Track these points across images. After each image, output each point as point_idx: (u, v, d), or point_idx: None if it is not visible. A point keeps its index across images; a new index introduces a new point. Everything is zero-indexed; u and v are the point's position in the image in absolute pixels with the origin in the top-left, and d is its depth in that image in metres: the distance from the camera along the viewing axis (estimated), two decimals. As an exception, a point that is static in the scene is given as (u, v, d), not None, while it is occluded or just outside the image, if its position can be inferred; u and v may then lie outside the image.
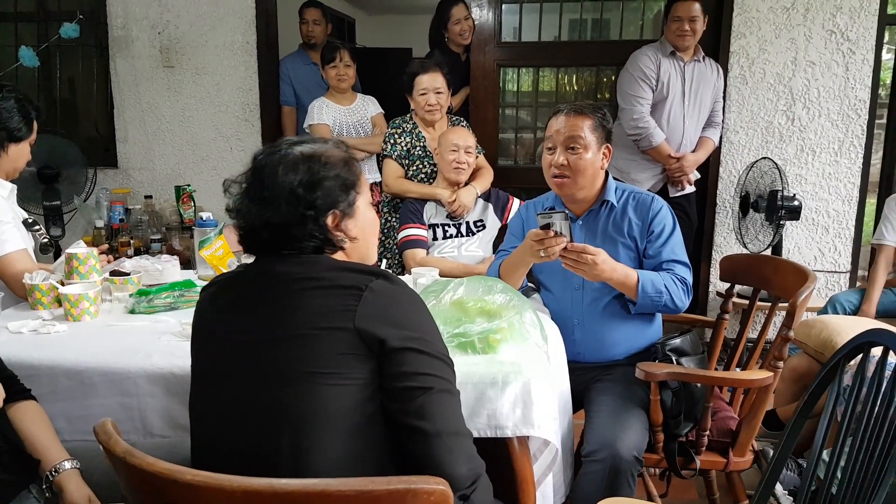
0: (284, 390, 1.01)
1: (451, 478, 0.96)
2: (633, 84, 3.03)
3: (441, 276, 1.98)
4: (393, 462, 1.06)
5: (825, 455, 1.23)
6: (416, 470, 1.01)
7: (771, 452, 2.03)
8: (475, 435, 1.23)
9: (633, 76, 3.03)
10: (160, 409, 1.42)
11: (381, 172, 2.87)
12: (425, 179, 2.71)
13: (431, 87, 2.65)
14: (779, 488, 1.89)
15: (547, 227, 1.63)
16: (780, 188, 2.92)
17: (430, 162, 2.70)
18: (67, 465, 1.27)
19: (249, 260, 1.17)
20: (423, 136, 2.74)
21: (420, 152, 2.72)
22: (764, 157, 3.09)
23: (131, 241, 3.31)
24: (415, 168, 2.72)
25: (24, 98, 1.96)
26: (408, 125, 2.76)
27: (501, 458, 1.36)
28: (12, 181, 2.00)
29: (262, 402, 1.02)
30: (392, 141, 2.74)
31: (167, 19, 3.56)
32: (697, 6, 2.97)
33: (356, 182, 1.15)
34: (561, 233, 1.62)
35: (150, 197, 3.56)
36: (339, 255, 1.14)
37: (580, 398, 1.76)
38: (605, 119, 1.83)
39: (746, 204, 3.12)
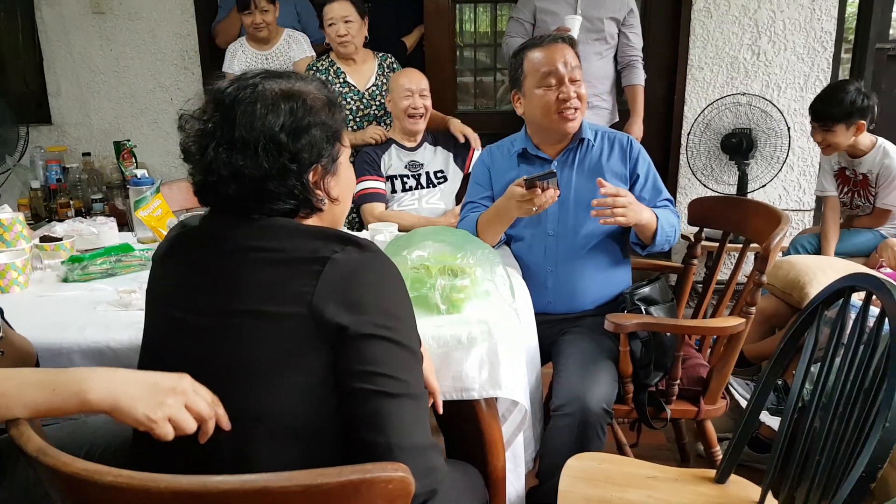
0: (224, 385, 0.86)
1: None
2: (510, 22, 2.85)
3: (401, 230, 1.87)
4: None
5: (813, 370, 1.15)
6: None
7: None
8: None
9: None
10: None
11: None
12: (351, 115, 2.55)
13: (339, 17, 2.46)
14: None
15: (533, 187, 1.54)
16: (745, 126, 2.87)
17: (355, 96, 2.54)
18: None
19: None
20: (342, 72, 2.55)
21: (342, 87, 2.54)
22: (729, 94, 3.02)
23: (71, 203, 3.12)
24: None
25: None
26: (323, 63, 2.58)
27: (469, 420, 1.30)
28: None
29: None
30: None
31: (92, -42, 3.25)
32: None
33: (340, 132, 0.98)
34: (549, 186, 1.55)
35: (89, 154, 3.33)
36: (311, 220, 0.97)
37: (548, 350, 1.71)
38: (574, 42, 1.76)
39: (711, 143, 3.06)
